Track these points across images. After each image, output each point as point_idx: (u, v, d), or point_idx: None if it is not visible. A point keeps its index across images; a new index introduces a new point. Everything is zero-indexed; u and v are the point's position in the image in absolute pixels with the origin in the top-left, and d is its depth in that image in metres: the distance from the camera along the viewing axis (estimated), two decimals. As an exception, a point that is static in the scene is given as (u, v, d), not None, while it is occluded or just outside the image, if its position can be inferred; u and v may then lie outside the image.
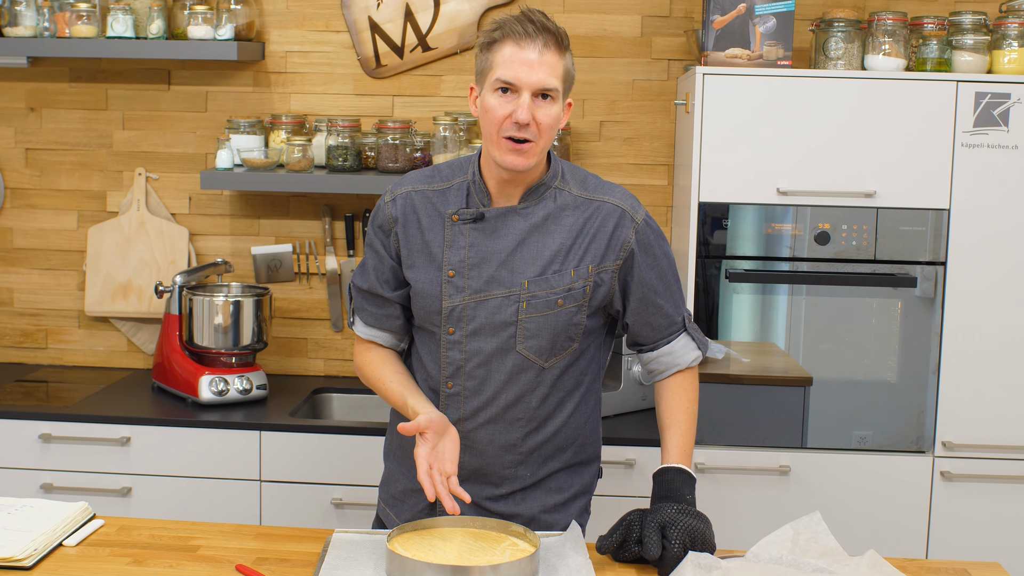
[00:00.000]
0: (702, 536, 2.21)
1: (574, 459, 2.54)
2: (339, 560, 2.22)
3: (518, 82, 2.28)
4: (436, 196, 2.45)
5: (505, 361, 2.42)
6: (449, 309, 2.42)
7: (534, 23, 2.29)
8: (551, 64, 2.29)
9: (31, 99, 4.10)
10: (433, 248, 2.43)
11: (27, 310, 4.20)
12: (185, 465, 3.53)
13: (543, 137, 2.32)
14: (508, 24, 2.30)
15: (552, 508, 2.52)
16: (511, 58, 2.28)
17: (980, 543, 3.46)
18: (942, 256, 3.40)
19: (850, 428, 3.48)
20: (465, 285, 2.40)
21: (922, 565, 2.33)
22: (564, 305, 2.40)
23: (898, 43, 3.41)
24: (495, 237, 2.40)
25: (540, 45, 2.28)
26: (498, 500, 2.50)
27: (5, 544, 2.22)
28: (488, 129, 2.33)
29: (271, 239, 4.09)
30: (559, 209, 2.41)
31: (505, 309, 2.39)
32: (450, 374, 2.45)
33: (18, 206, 4.16)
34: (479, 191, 2.42)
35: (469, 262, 2.40)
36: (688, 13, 3.91)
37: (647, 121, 3.97)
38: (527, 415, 2.45)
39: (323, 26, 4.01)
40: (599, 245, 2.40)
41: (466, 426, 2.46)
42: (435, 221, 2.44)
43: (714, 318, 3.48)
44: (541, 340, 2.41)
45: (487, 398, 2.44)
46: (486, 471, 2.48)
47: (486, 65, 2.33)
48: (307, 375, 4.13)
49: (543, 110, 2.30)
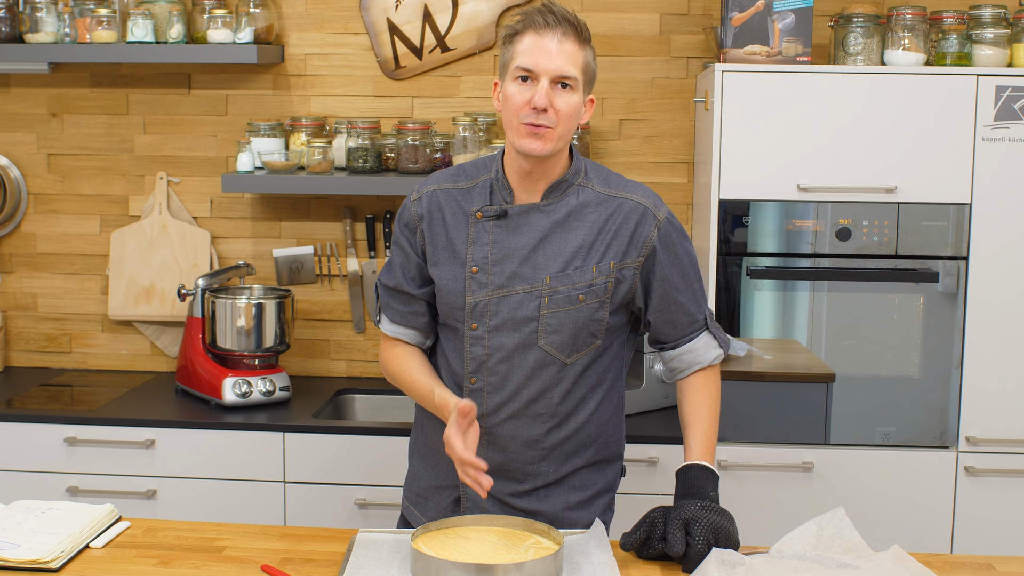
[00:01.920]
0: (726, 532, 2.21)
1: (597, 456, 2.55)
2: (364, 560, 2.23)
3: (537, 68, 2.31)
4: (461, 194, 2.47)
5: (527, 356, 2.43)
6: (472, 305, 2.43)
7: (555, 14, 2.34)
8: (570, 53, 2.33)
9: (53, 105, 4.13)
10: (457, 245, 2.45)
11: (51, 315, 4.22)
12: (209, 467, 3.55)
13: (561, 124, 2.33)
14: (530, 16, 2.35)
15: (575, 506, 2.53)
16: (531, 47, 2.32)
17: (1005, 537, 3.44)
18: (964, 251, 3.39)
19: (873, 424, 3.47)
20: (488, 281, 2.42)
21: (947, 560, 2.32)
22: (586, 301, 2.41)
23: (917, 38, 3.39)
24: (518, 234, 2.42)
25: (560, 34, 2.32)
26: (521, 496, 2.51)
27: (33, 546, 2.24)
28: (508, 117, 2.36)
29: (292, 241, 4.11)
30: (581, 206, 2.43)
31: (527, 304, 2.41)
32: (473, 369, 2.46)
33: (41, 211, 4.18)
34: (502, 188, 2.44)
35: (492, 258, 2.42)
36: (706, 10, 3.91)
37: (666, 119, 3.97)
38: (549, 410, 2.46)
39: (342, 28, 4.02)
40: (621, 242, 2.42)
41: (489, 421, 2.47)
42: (459, 219, 2.46)
43: (736, 315, 3.48)
44: (563, 335, 2.42)
45: (509, 393, 2.45)
46: (509, 467, 2.49)
47: (508, 57, 2.37)
48: (330, 376, 4.14)
49: (562, 98, 2.33)
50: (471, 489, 2.48)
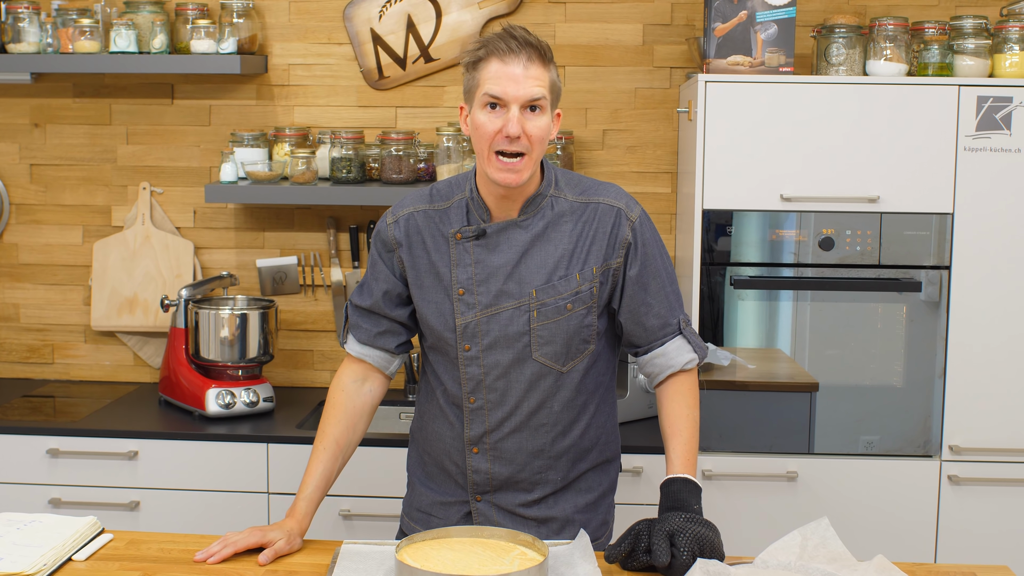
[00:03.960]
0: (711, 544, 2.21)
1: (600, 458, 2.59)
2: (348, 572, 2.22)
3: (506, 96, 2.32)
4: (438, 216, 2.49)
5: (523, 370, 2.45)
6: (463, 326, 2.45)
7: (516, 39, 2.33)
8: (537, 76, 2.33)
9: (35, 115, 4.12)
10: (440, 268, 2.47)
11: (33, 325, 4.21)
12: (193, 478, 3.54)
13: (535, 148, 2.35)
14: (491, 42, 2.35)
15: (584, 508, 2.57)
16: (497, 74, 2.32)
17: (989, 547, 3.45)
18: (946, 260, 3.40)
19: (857, 433, 3.48)
20: (475, 301, 2.44)
21: (931, 569, 2.33)
22: (574, 309, 2.43)
23: (899, 48, 3.41)
24: (498, 252, 2.44)
25: (524, 59, 2.32)
26: (531, 506, 2.53)
27: (15, 559, 2.23)
28: (479, 146, 2.37)
29: (276, 252, 4.10)
30: (557, 217, 2.45)
31: (517, 320, 2.43)
32: (471, 389, 2.48)
33: (23, 222, 4.17)
34: (478, 208, 2.46)
35: (477, 278, 2.44)
36: (689, 21, 3.92)
37: (650, 129, 3.98)
38: (551, 420, 2.49)
39: (325, 38, 4.02)
40: (600, 246, 2.45)
41: (493, 437, 2.49)
42: (439, 241, 2.47)
43: (719, 325, 3.48)
44: (556, 345, 2.45)
45: (510, 408, 2.48)
46: (517, 478, 2.52)
47: (473, 84, 2.37)
48: (313, 387, 4.14)
49: (532, 122, 2.34)
50: (481, 504, 2.52)
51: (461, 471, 2.54)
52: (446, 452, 2.55)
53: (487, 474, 2.51)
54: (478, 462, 2.52)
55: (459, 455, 2.54)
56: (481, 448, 2.51)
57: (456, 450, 2.54)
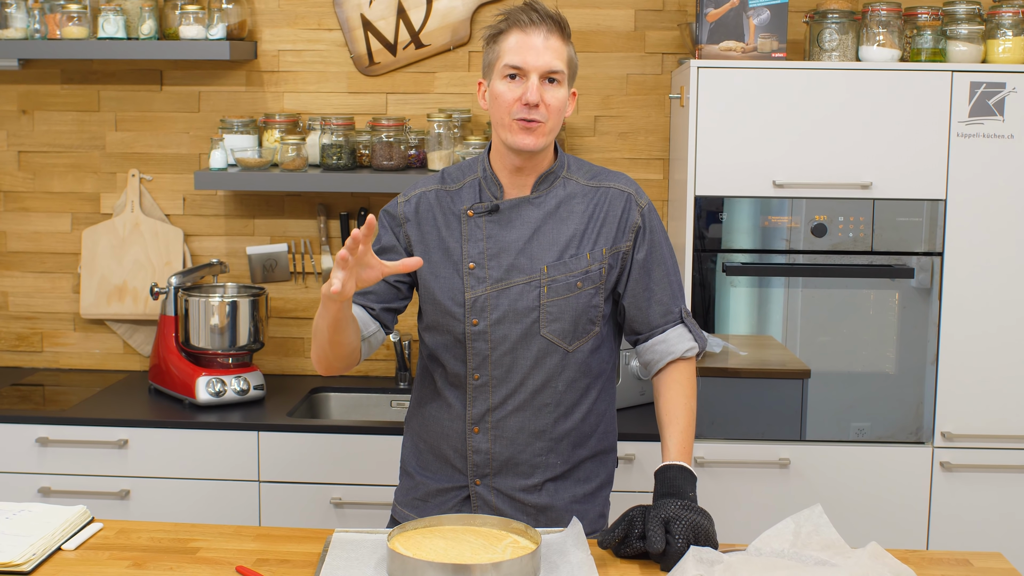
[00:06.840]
0: (705, 532, 2.21)
1: (598, 447, 2.60)
2: (340, 560, 2.21)
3: (526, 66, 2.38)
4: (448, 196, 2.53)
5: (530, 346, 2.47)
6: (472, 300, 2.47)
7: (538, 11, 2.41)
8: (556, 49, 2.41)
9: (23, 101, 4.09)
10: (450, 244, 2.49)
11: (22, 313, 4.19)
12: (183, 467, 3.52)
13: (552, 118, 2.42)
14: (513, 14, 2.42)
15: (582, 498, 2.58)
16: (518, 45, 2.40)
17: (981, 533, 3.45)
18: (939, 247, 3.40)
19: (849, 420, 3.47)
20: (486, 275, 2.47)
21: (924, 556, 2.33)
22: (583, 288, 2.47)
23: (892, 34, 3.40)
24: (511, 227, 2.48)
25: (545, 31, 2.40)
26: (531, 492, 2.54)
27: (4, 549, 2.21)
28: (499, 114, 2.42)
29: (266, 239, 4.08)
30: (569, 197, 2.50)
31: (527, 295, 2.46)
32: (476, 365, 2.49)
33: (11, 209, 4.14)
34: (491, 185, 2.50)
35: (488, 253, 2.47)
36: (681, 6, 3.90)
37: (642, 115, 3.96)
38: (554, 400, 2.50)
39: (315, 24, 4.00)
40: (610, 228, 2.49)
41: (495, 416, 2.50)
42: (450, 219, 2.51)
43: (711, 312, 3.48)
44: (564, 323, 2.47)
45: (514, 385, 2.49)
46: (517, 460, 2.52)
47: (493, 56, 2.44)
48: (304, 375, 4.12)
49: (551, 93, 2.41)
50: (480, 488, 2.53)
51: (460, 454, 2.54)
52: (444, 436, 2.55)
53: (487, 454, 2.51)
54: (479, 442, 2.51)
55: (458, 438, 2.53)
56: (482, 427, 2.51)
57: (455, 433, 2.54)
